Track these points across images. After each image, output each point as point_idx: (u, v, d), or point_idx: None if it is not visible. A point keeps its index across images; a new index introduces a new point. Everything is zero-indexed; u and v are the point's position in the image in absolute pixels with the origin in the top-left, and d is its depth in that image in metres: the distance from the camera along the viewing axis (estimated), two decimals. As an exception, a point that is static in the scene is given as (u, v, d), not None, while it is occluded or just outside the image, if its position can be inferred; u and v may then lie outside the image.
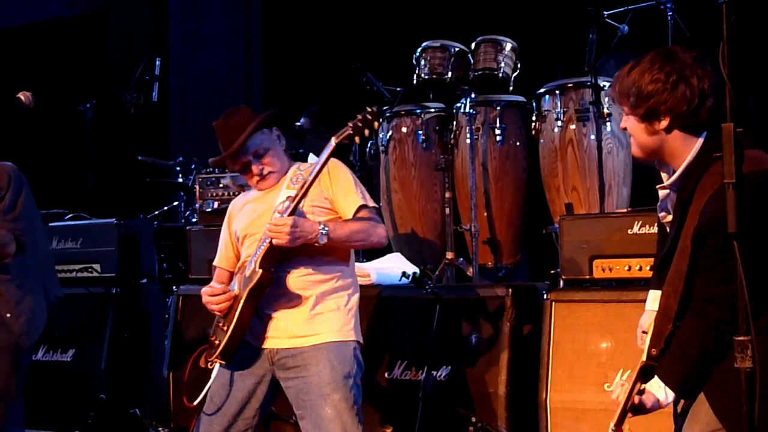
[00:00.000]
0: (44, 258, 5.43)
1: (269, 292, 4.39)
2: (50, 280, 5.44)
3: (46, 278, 5.37)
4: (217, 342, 4.45)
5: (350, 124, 4.31)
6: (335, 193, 4.53)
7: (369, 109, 4.29)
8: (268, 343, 4.46)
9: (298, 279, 4.44)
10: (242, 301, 4.35)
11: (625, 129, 3.50)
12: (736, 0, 3.15)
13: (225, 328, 4.40)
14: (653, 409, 3.33)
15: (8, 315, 5.08)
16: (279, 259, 4.37)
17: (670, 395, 3.32)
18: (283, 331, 4.44)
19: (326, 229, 4.30)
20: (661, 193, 3.52)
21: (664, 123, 3.35)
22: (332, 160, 4.42)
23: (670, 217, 3.50)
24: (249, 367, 4.49)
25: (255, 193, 4.70)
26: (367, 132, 4.30)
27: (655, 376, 3.33)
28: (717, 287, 3.23)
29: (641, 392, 3.32)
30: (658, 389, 3.32)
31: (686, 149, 3.36)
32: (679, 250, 3.32)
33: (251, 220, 4.60)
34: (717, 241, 3.19)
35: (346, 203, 4.52)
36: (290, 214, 4.26)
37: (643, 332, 3.64)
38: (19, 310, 5.11)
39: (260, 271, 4.30)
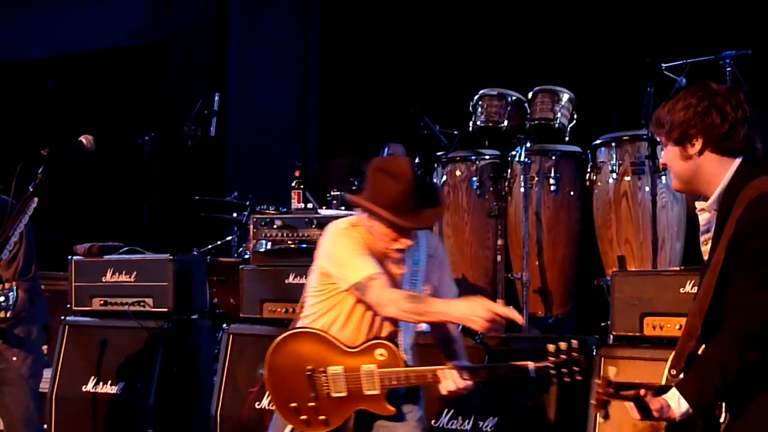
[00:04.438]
0: (42, 303, 5.71)
1: None
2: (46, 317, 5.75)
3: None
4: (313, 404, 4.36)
5: (552, 362, 4.01)
6: None
7: (576, 355, 3.98)
8: None
9: None
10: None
11: (665, 166, 3.52)
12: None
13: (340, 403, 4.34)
14: (662, 417, 3.26)
15: (14, 358, 5.39)
16: None
17: (683, 406, 3.24)
18: None
19: None
20: (702, 217, 3.51)
21: (697, 146, 3.36)
22: None
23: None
24: None
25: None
26: (567, 379, 4.02)
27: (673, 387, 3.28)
28: (749, 296, 3.19)
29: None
30: (671, 397, 3.25)
31: (722, 171, 3.37)
32: (711, 266, 3.29)
33: None
34: (753, 245, 3.17)
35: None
36: None
37: None
38: (24, 354, 5.42)
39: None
